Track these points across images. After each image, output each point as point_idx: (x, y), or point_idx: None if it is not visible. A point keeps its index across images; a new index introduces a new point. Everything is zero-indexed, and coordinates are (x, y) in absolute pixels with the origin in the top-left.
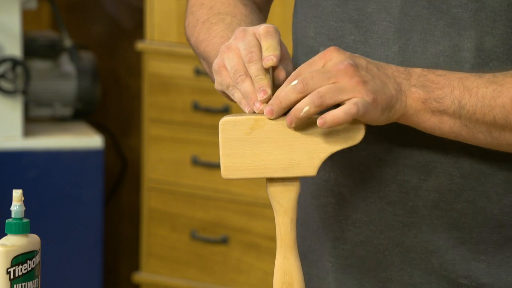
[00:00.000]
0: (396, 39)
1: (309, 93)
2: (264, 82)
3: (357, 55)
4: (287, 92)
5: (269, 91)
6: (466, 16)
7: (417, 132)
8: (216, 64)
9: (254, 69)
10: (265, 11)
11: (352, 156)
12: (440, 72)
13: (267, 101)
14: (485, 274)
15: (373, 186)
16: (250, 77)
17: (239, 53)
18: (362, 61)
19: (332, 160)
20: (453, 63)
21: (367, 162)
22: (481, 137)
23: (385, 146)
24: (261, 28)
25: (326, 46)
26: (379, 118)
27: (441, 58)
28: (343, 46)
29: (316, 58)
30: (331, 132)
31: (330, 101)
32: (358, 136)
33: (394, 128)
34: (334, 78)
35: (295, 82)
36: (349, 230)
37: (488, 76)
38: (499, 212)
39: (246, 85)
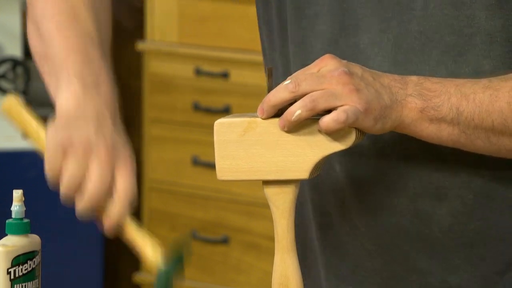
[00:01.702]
0: (391, 72)
1: (300, 95)
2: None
3: (353, 63)
4: (278, 90)
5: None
6: (461, 42)
7: (425, 160)
8: (60, 144)
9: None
10: None
11: (359, 185)
12: (436, 79)
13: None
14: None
15: (384, 217)
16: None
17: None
18: (357, 69)
19: (343, 193)
20: None
21: (377, 192)
22: (480, 144)
23: (392, 176)
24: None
25: None
26: (373, 128)
27: None
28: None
29: (311, 64)
30: (322, 136)
31: (322, 106)
32: (348, 140)
33: (403, 156)
34: (327, 84)
35: (288, 81)
36: (365, 260)
37: (484, 81)
38: None
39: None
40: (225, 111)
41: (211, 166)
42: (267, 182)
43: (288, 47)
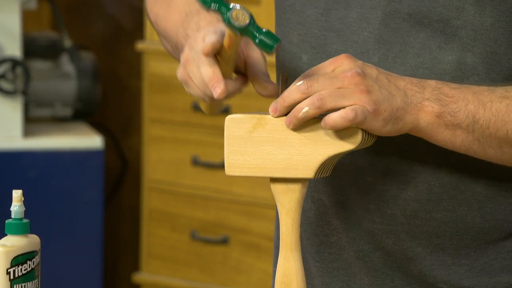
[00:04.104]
0: (376, 50)
1: (310, 94)
2: (219, 80)
3: (369, 64)
4: (291, 91)
5: (222, 87)
6: (448, 31)
7: (394, 141)
8: (181, 76)
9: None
10: None
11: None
12: (454, 85)
13: (223, 93)
14: (466, 277)
15: (351, 194)
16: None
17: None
18: (372, 70)
19: None
20: (432, 75)
21: (346, 169)
22: (492, 152)
23: (363, 154)
24: (199, 49)
25: (309, 54)
26: (382, 129)
27: (420, 70)
28: (326, 54)
29: (326, 62)
30: (328, 137)
31: (330, 105)
32: (355, 141)
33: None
34: (339, 84)
35: (300, 82)
36: (332, 235)
37: (500, 90)
38: (480, 220)
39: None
40: (225, 111)
41: (211, 166)
42: (274, 180)
43: (288, 17)
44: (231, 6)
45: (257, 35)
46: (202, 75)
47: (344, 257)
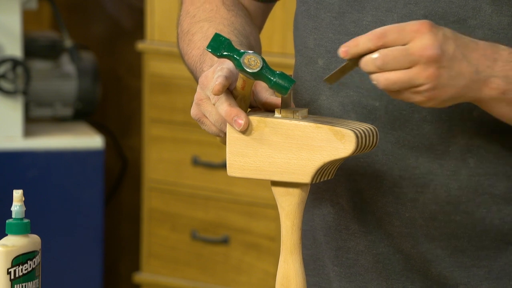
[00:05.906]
0: None
1: (384, 70)
2: (238, 113)
3: (449, 35)
4: (366, 61)
5: (244, 119)
6: (465, 31)
7: (412, 144)
8: (195, 114)
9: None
10: (260, 18)
11: (348, 166)
12: None
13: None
14: (486, 279)
15: (369, 197)
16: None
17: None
18: (450, 46)
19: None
20: None
21: (363, 173)
22: None
23: (380, 158)
24: (210, 91)
25: (325, 58)
26: (439, 105)
27: None
28: (341, 58)
29: (408, 29)
30: (324, 142)
31: (397, 87)
32: (349, 148)
33: (390, 140)
34: (413, 64)
35: (376, 55)
36: (350, 239)
37: None
38: (500, 222)
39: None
40: None
41: (211, 166)
42: (274, 182)
43: (305, 22)
44: (242, 51)
45: (272, 78)
46: (220, 111)
47: (361, 263)
